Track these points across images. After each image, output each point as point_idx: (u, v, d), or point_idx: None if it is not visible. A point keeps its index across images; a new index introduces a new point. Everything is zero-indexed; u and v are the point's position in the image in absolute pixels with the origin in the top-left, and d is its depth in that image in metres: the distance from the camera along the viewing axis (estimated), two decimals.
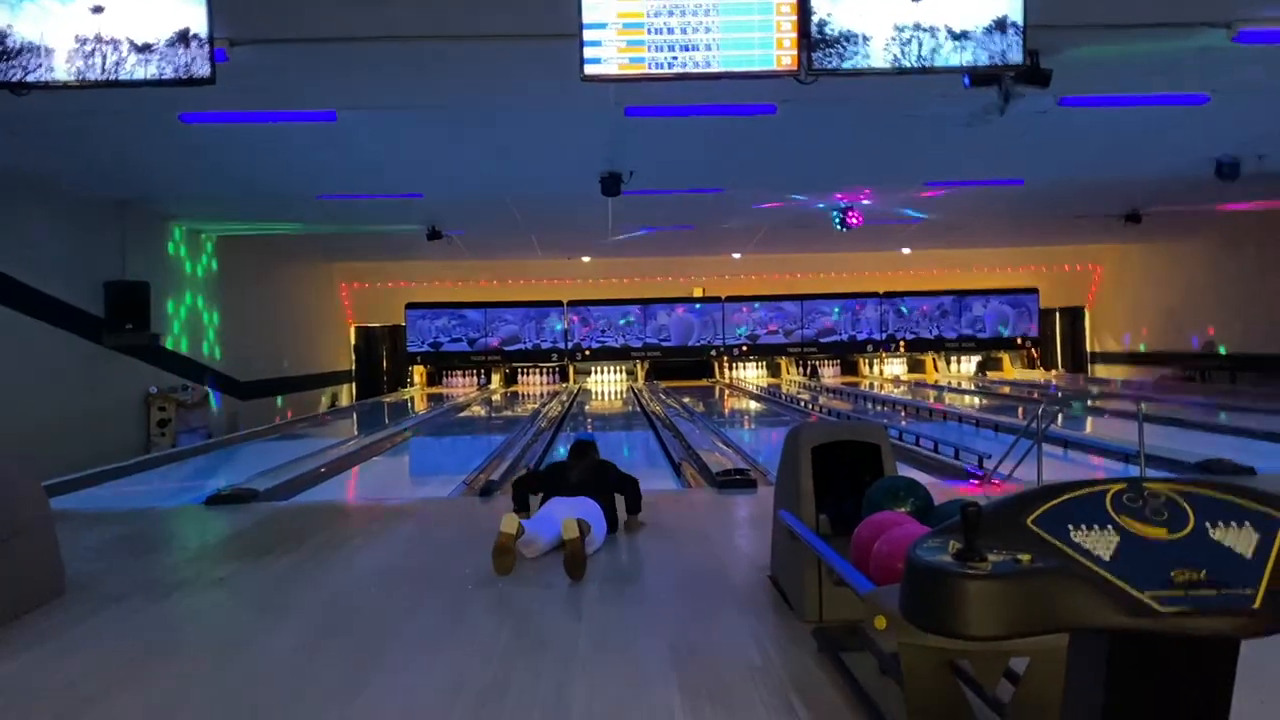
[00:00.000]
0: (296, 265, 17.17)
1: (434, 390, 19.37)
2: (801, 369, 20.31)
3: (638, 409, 13.85)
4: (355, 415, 15.40)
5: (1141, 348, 18.55)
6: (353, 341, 20.20)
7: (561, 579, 4.05)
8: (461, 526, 5.36)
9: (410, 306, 19.56)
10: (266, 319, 15.44)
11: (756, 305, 19.93)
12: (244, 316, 14.42)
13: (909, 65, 4.96)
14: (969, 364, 20.77)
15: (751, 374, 20.33)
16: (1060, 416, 10.50)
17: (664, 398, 15.20)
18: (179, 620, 3.75)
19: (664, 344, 19.77)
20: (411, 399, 17.88)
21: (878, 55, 4.96)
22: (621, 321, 19.72)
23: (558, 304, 19.68)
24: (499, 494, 6.42)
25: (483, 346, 19.59)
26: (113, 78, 4.88)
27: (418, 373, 20.01)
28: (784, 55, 4.97)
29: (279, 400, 15.76)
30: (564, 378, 19.80)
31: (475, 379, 19.91)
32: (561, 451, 9.45)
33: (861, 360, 20.49)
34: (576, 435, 5.33)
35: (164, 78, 4.93)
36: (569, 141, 8.39)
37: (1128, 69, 6.64)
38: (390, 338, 20.35)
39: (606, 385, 19.54)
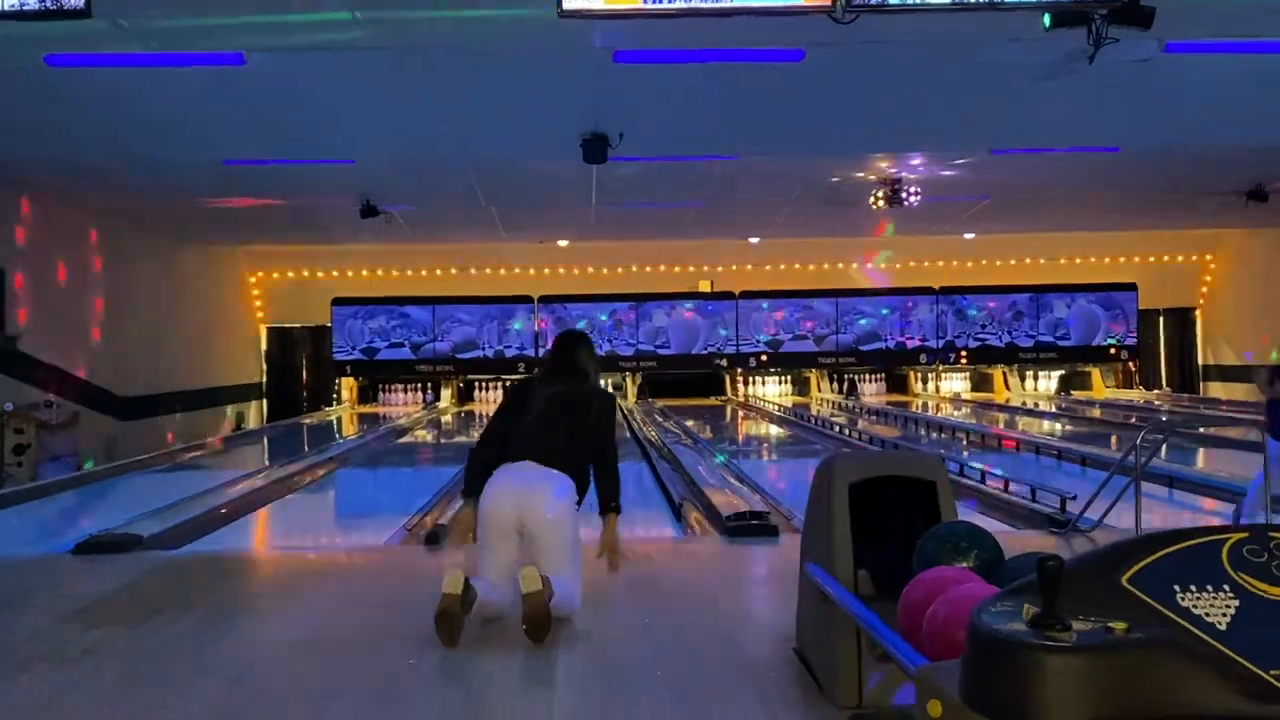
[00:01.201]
0: (194, 249, 17.17)
1: (367, 409, 19.35)
2: (836, 384, 20.37)
3: (627, 434, 13.86)
4: (266, 440, 15.37)
5: (1275, 356, 18.60)
6: (263, 346, 20.19)
7: (524, 646, 4.04)
8: (401, 583, 5.34)
9: (338, 302, 19.56)
10: (154, 318, 15.43)
11: (780, 303, 20.00)
12: (125, 314, 14.40)
13: (973, 0, 5.00)
14: (1049, 380, 20.86)
15: (773, 390, 20.39)
16: (1164, 448, 10.53)
17: (661, 420, 15.21)
18: (35, 704, 3.72)
19: (661, 351, 19.81)
20: (338, 420, 17.84)
21: None
22: (607, 322, 19.75)
23: (526, 300, 19.71)
24: (447, 543, 6.41)
25: (430, 353, 19.59)
26: None
27: (347, 386, 20.01)
28: None
29: (169, 420, 15.73)
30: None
31: (420, 395, 19.91)
32: None
33: (912, 374, 20.57)
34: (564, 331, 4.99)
35: (26, 8, 4.93)
36: (542, 94, 8.42)
37: (1251, 7, 6.69)
38: (312, 341, 20.35)
39: None
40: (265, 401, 20.01)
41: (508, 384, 20.00)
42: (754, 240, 19.37)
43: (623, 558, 4.57)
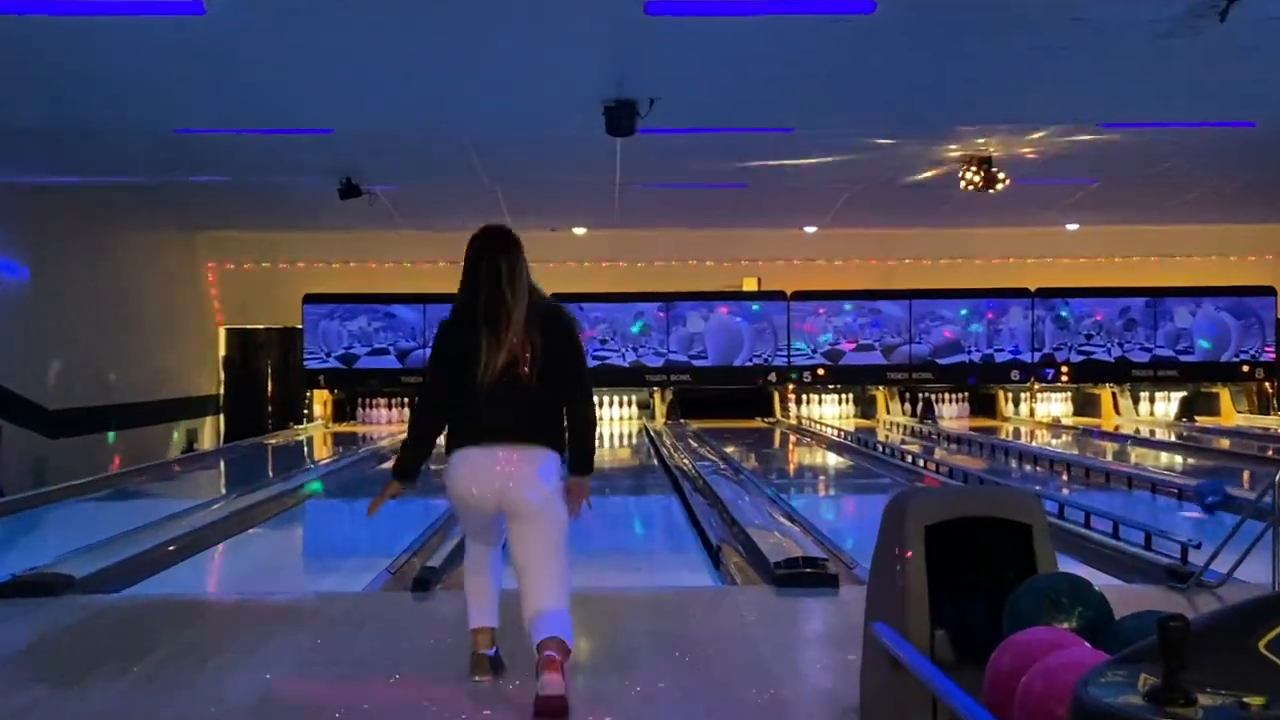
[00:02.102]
0: (138, 235, 17.33)
1: (345, 428, 19.44)
2: (909, 405, 20.31)
3: (654, 461, 13.84)
4: (223, 464, 15.47)
5: None
6: (221, 351, 20.35)
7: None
8: (383, 636, 5.36)
9: (311, 300, 19.67)
10: (91, 316, 15.57)
11: (840, 305, 19.98)
12: (55, 313, 14.53)
13: None
14: (1168, 402, 20.72)
15: (831, 411, 20.37)
16: None
17: (695, 445, 15.20)
18: None
19: (697, 362, 19.81)
20: (309, 440, 17.93)
21: None
22: (633, 328, 19.77)
23: None
24: (440, 589, 6.43)
25: (420, 362, 19.64)
26: None
27: (320, 400, 20.10)
28: None
29: (108, 439, 15.85)
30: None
31: (408, 412, 19.93)
32: None
33: (1002, 394, 20.48)
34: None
35: None
36: (558, 50, 8.45)
37: None
38: (279, 346, 20.47)
39: (608, 425, 19.59)
40: (222, 418, 20.13)
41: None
42: (810, 230, 19.34)
43: (588, 503, 4.62)
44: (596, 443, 4.62)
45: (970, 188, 12.95)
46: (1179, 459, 14.60)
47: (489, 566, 4.62)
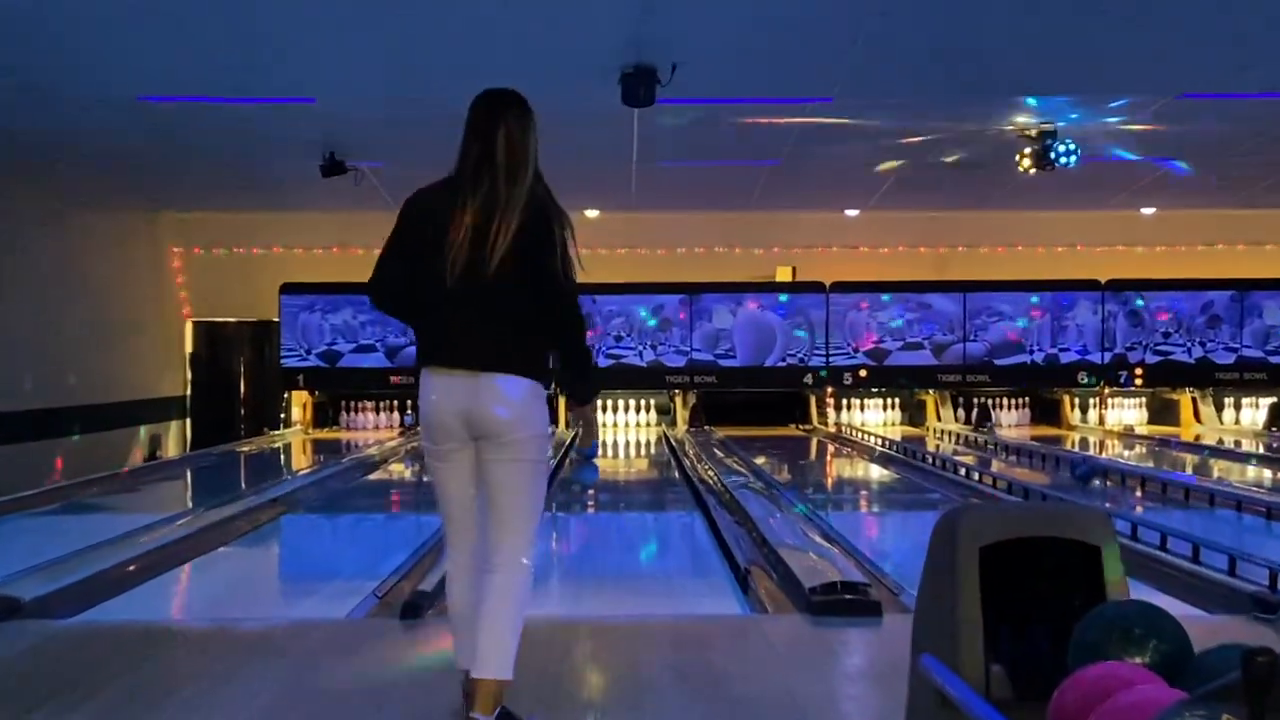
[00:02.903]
0: (96, 215, 17.39)
1: (326, 434, 19.48)
2: (963, 411, 20.27)
3: (676, 474, 13.85)
4: (190, 474, 15.50)
5: None
6: (188, 348, 20.40)
7: None
8: (369, 667, 5.37)
9: (289, 289, 19.71)
10: (40, 307, 15.62)
11: (885, 299, 19.95)
12: (2, 302, 14.57)
13: None
14: (1255, 409, 20.62)
15: (875, 417, 20.38)
16: None
17: (722, 455, 15.19)
18: None
19: (724, 362, 19.79)
20: (287, 448, 17.96)
21: None
22: (650, 321, 19.78)
23: None
24: (432, 615, 6.44)
25: (411, 360, 19.65)
26: None
27: (299, 403, 20.13)
28: None
29: (61, 445, 15.89)
30: (551, 417, 19.86)
31: (397, 415, 20.00)
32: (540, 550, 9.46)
33: (1068, 399, 20.41)
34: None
35: None
36: (569, 11, 8.45)
37: None
38: (253, 342, 20.52)
39: (623, 433, 19.60)
40: (189, 422, 20.18)
41: None
42: (851, 213, 19.30)
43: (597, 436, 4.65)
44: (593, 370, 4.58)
45: (1032, 167, 12.93)
46: (1268, 474, 14.54)
47: (473, 575, 4.46)
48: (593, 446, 16.90)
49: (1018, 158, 12.97)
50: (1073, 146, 12.67)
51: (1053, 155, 12.67)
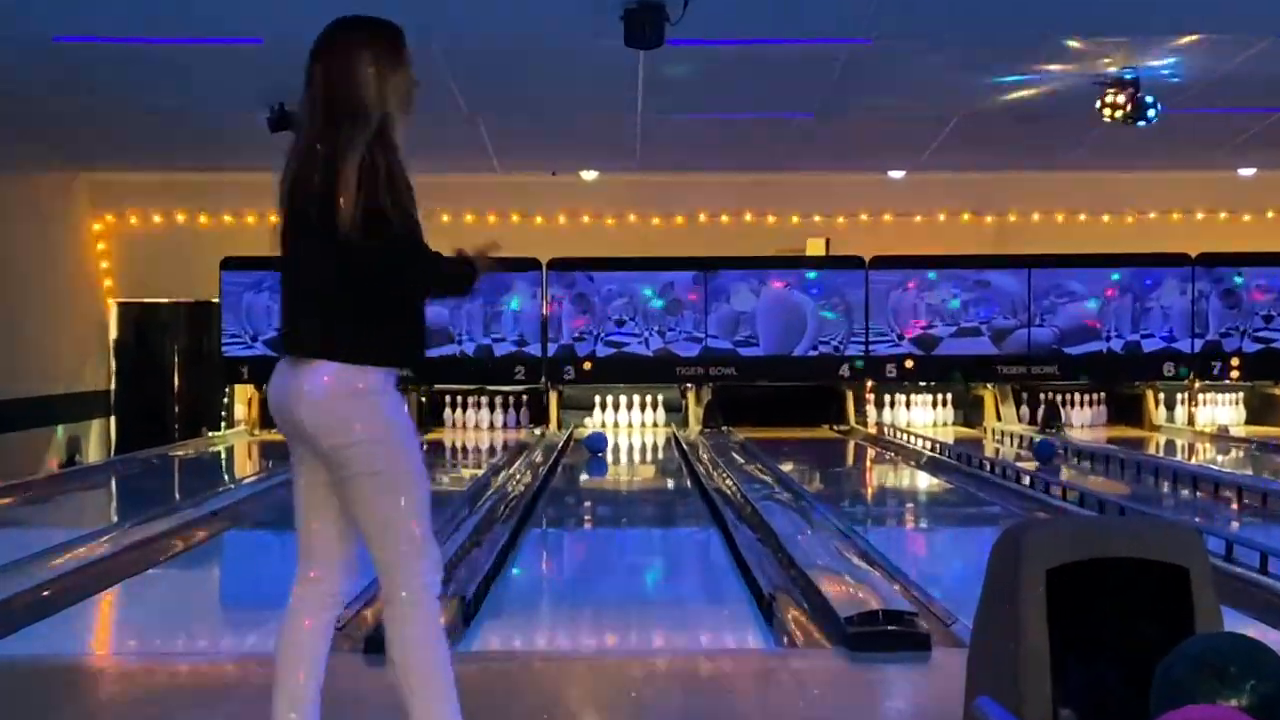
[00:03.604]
0: (3, 178, 17.33)
1: (275, 436, 19.37)
2: (1028, 409, 20.22)
3: (688, 483, 13.86)
4: (115, 482, 15.49)
5: None
6: (113, 334, 20.41)
7: None
8: (327, 712, 5.35)
9: (232, 265, 19.67)
10: None
11: (935, 276, 19.91)
12: None
13: None
14: None
15: (923, 416, 20.35)
16: None
17: (743, 461, 15.20)
18: None
19: (744, 351, 19.77)
20: (229, 452, 17.97)
21: None
22: (657, 302, 19.77)
23: (529, 266, 19.77)
24: None
25: None
26: None
27: (243, 399, 20.12)
28: None
29: None
30: (538, 416, 20.02)
31: None
32: (522, 567, 9.45)
33: (1151, 394, 20.37)
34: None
35: None
36: None
37: None
38: (190, 327, 20.53)
39: (626, 434, 19.64)
40: (114, 421, 20.18)
41: (499, 399, 20.12)
42: (896, 175, 19.28)
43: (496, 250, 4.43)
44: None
45: (1112, 118, 12.89)
46: None
47: (301, 619, 4.40)
48: (600, 440, 16.93)
49: (1098, 106, 12.91)
50: (1158, 95, 12.63)
51: (1136, 104, 12.62)
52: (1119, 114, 12.75)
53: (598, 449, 16.53)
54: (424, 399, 20.07)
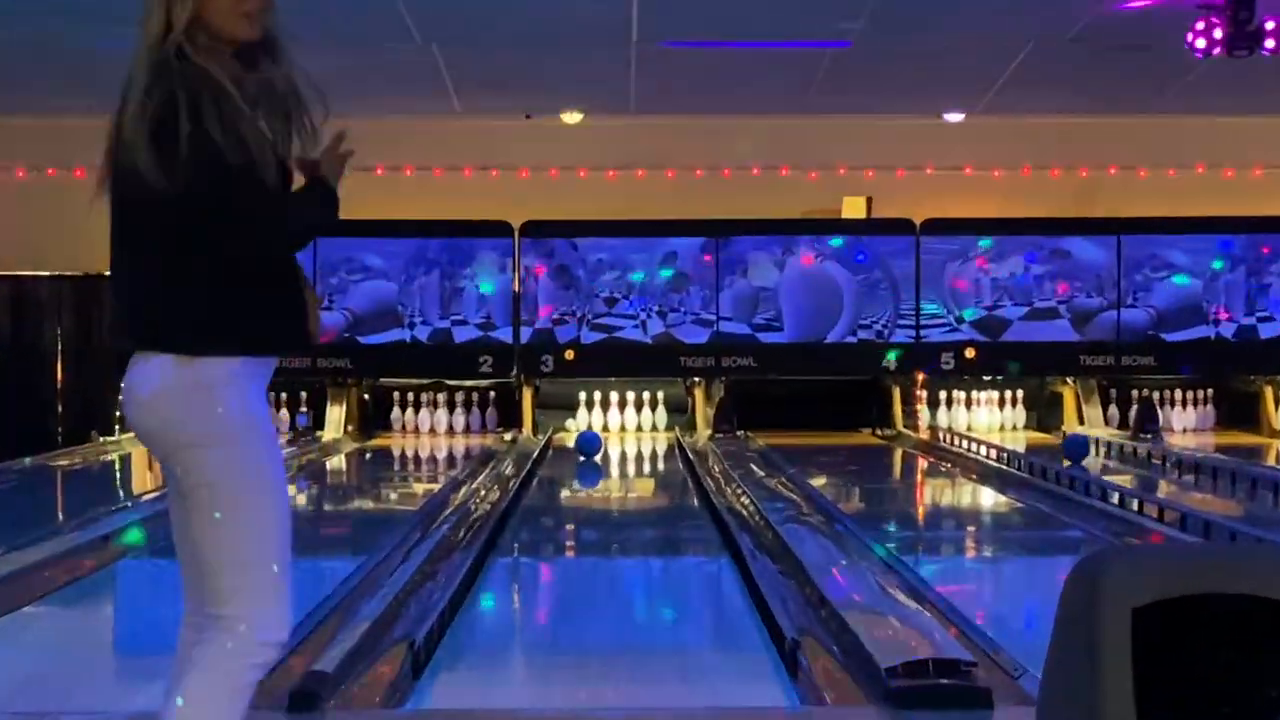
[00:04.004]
0: None
1: None
2: (1117, 408, 20.19)
3: (694, 501, 13.93)
4: None
5: None
6: None
7: None
8: None
9: None
10: None
11: (1002, 243, 19.85)
12: None
13: None
14: None
15: (986, 417, 20.38)
16: None
17: (761, 473, 15.22)
18: None
19: (765, 336, 19.76)
20: (125, 461, 17.95)
21: None
22: (659, 274, 19.71)
23: (498, 230, 19.75)
24: (334, 708, 6.45)
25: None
26: None
27: None
28: None
29: None
30: (508, 418, 19.99)
31: (285, 412, 19.99)
32: (486, 605, 9.47)
33: (1270, 391, 20.33)
34: None
35: None
36: None
37: None
38: (76, 307, 20.55)
39: (618, 441, 19.63)
40: None
41: (460, 397, 20.07)
42: (954, 118, 19.29)
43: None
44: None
45: (1214, 48, 12.89)
46: None
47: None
48: (593, 441, 16.94)
49: (1194, 32, 12.91)
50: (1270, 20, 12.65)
51: (1243, 33, 12.62)
52: (1226, 42, 12.75)
53: (591, 451, 16.54)
54: (367, 396, 20.09)
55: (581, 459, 17.08)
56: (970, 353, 19.77)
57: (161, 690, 7.55)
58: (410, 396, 20.12)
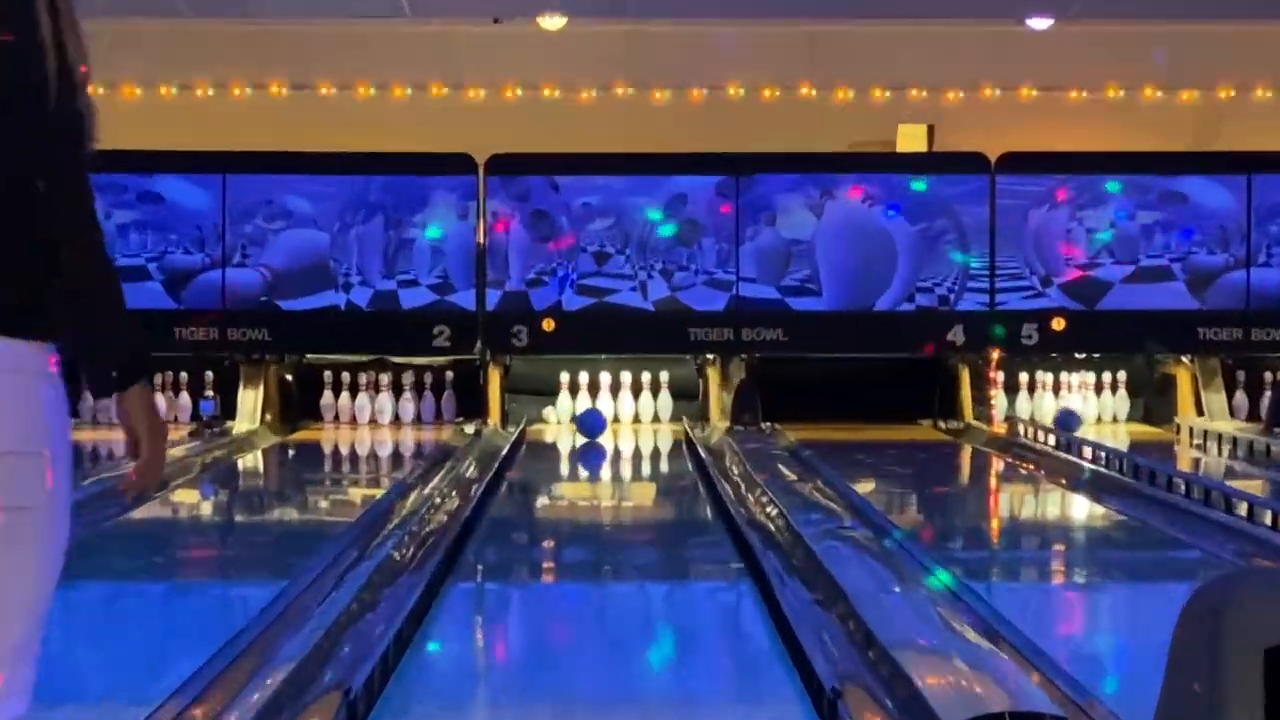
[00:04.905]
0: None
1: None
2: (1245, 395, 20.15)
3: (708, 511, 14.02)
4: None
5: None
6: None
7: None
8: None
9: None
10: None
11: (1095, 183, 19.82)
12: None
13: None
14: None
15: (1078, 407, 20.25)
16: None
17: (794, 477, 15.26)
18: None
19: (796, 302, 19.75)
20: None
21: None
22: (662, 227, 19.68)
23: (457, 165, 19.75)
24: None
25: (214, 293, 19.69)
26: None
27: None
28: None
29: None
30: (471, 405, 20.06)
31: (188, 397, 20.02)
32: (441, 643, 9.49)
33: None
34: None
35: None
36: None
37: None
38: None
39: (611, 434, 19.57)
40: None
41: (408, 378, 20.06)
42: (1039, 24, 19.30)
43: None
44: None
45: None
46: None
47: None
48: (597, 421, 17.00)
49: None
50: None
51: None
52: None
53: (594, 432, 16.60)
54: (289, 377, 20.08)
55: (583, 441, 17.24)
56: (1059, 324, 19.68)
57: None
58: (345, 378, 20.09)
